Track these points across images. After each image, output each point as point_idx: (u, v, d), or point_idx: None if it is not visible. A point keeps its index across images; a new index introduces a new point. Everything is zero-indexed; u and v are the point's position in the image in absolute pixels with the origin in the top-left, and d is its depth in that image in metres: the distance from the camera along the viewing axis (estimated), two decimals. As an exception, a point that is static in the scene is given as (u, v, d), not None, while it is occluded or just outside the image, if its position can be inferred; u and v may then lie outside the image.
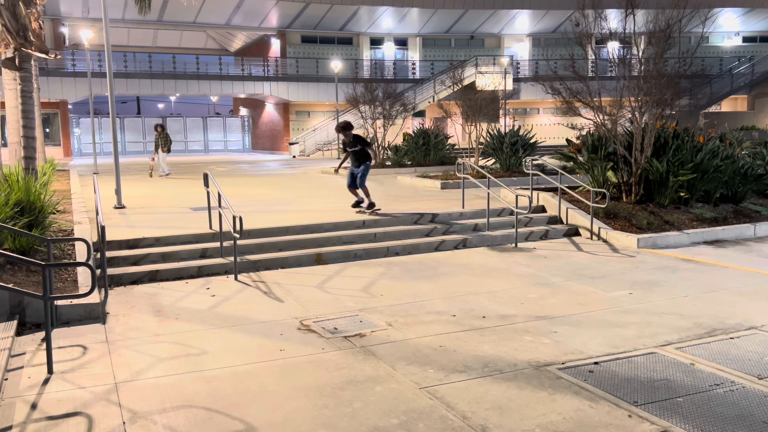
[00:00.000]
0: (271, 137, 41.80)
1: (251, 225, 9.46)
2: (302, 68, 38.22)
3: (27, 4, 11.79)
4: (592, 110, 11.73)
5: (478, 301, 7.02)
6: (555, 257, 9.29)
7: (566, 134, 19.95)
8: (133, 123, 42.75)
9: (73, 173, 20.45)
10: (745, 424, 4.11)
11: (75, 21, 35.66)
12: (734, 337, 5.74)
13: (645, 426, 4.11)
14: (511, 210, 10.88)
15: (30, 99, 11.91)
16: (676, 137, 11.85)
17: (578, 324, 6.19)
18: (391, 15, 38.81)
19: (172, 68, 36.50)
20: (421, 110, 37.67)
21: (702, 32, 12.03)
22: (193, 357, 5.45)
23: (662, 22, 11.14)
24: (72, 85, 32.98)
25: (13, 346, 5.61)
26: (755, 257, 9.22)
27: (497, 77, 32.73)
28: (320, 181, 18.99)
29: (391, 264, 8.92)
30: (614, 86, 11.79)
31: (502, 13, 39.81)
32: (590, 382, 4.79)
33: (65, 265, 7.58)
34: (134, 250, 8.73)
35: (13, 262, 7.05)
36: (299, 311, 6.74)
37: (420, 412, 4.36)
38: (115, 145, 12.44)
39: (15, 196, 8.28)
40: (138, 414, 4.38)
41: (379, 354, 5.44)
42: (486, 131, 19.02)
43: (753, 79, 40.49)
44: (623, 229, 10.40)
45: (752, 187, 12.22)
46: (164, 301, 7.17)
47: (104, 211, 9.48)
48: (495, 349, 5.53)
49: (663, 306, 6.76)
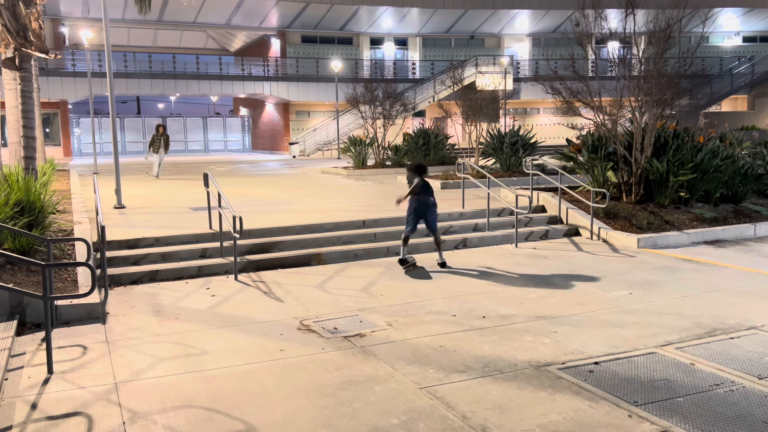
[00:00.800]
0: (271, 137, 41.80)
1: (251, 225, 9.46)
2: (302, 68, 38.21)
3: (27, 4, 11.79)
4: (592, 110, 11.73)
5: (478, 301, 7.02)
6: (555, 257, 9.29)
7: (566, 134, 19.94)
8: (133, 123, 42.73)
9: (73, 173, 20.44)
10: (745, 424, 4.11)
11: (75, 21, 35.65)
12: (734, 337, 5.74)
13: (645, 426, 4.11)
14: (511, 210, 10.88)
15: (30, 99, 11.90)
16: (676, 137, 11.85)
17: (578, 324, 6.19)
18: (391, 15, 38.80)
19: (172, 68, 36.49)
20: (421, 110, 37.66)
21: (702, 32, 12.03)
22: (193, 357, 5.45)
23: (662, 22, 11.14)
24: (72, 85, 32.97)
25: (13, 346, 5.61)
26: (755, 257, 9.22)
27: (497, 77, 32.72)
28: (320, 181, 18.99)
29: (391, 264, 8.91)
30: (614, 86, 11.79)
31: (502, 13, 39.80)
32: (590, 382, 4.79)
33: (65, 265, 7.58)
34: (134, 250, 8.73)
35: (13, 262, 7.05)
36: (299, 311, 6.73)
37: (420, 412, 4.36)
38: (115, 145, 12.44)
39: (15, 196, 8.28)
40: (138, 414, 4.38)
41: (379, 354, 5.44)
42: (486, 131, 19.01)
43: (753, 79, 40.48)
44: (623, 229, 10.40)
45: (752, 187, 12.21)
46: (164, 301, 7.17)
47: (104, 211, 9.48)
48: (495, 349, 5.53)
49: (663, 306, 6.76)
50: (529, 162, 13.21)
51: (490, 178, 11.28)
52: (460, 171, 13.11)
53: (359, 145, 23.17)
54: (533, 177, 11.99)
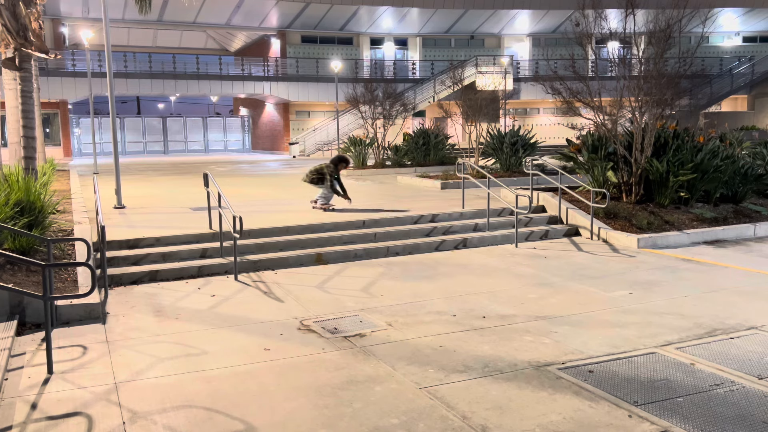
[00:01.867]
0: (271, 137, 41.80)
1: (251, 225, 9.46)
2: (302, 68, 38.22)
3: (27, 4, 11.79)
4: (592, 110, 11.73)
5: (479, 301, 7.02)
6: (555, 257, 9.29)
7: (566, 134, 19.94)
8: (133, 123, 42.73)
9: (73, 173, 20.44)
10: (745, 424, 4.11)
11: (75, 21, 35.65)
12: (734, 337, 5.74)
13: (645, 426, 4.11)
14: (511, 210, 10.88)
15: (30, 99, 11.90)
16: (676, 137, 11.85)
17: (578, 324, 6.19)
18: (391, 15, 38.81)
19: (172, 68, 36.49)
20: (421, 110, 37.67)
21: (702, 32, 12.02)
22: (193, 357, 5.45)
23: (662, 22, 11.14)
24: (72, 85, 32.98)
25: (13, 346, 5.61)
26: (755, 257, 9.22)
27: (497, 77, 32.73)
28: (320, 181, 18.94)
29: (391, 264, 8.91)
30: (614, 86, 11.79)
31: (502, 13, 39.80)
32: (590, 382, 4.79)
33: (65, 265, 7.58)
34: (134, 250, 8.73)
35: (13, 262, 7.05)
36: (299, 311, 6.73)
37: (420, 412, 4.36)
38: (115, 145, 12.44)
39: (15, 196, 8.28)
40: (138, 414, 4.38)
41: (379, 354, 5.44)
42: (486, 131, 19.01)
43: (753, 79, 40.49)
44: (623, 229, 10.40)
45: (752, 187, 12.21)
46: (164, 301, 7.17)
47: (104, 211, 9.47)
48: (495, 349, 5.53)
49: (663, 306, 6.76)
50: (529, 162, 13.21)
51: (490, 178, 11.28)
52: (460, 171, 13.10)
53: (359, 145, 23.17)
54: (533, 177, 11.99)
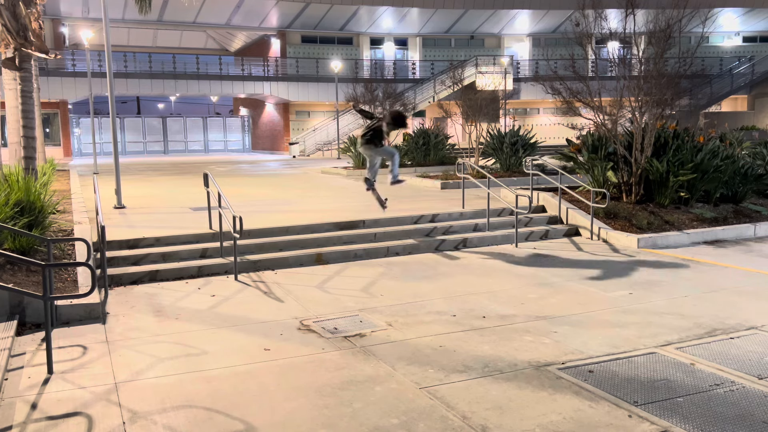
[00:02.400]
0: (271, 137, 41.80)
1: (251, 225, 9.46)
2: (302, 68, 38.22)
3: (27, 4, 11.78)
4: (592, 110, 11.73)
5: (479, 301, 7.02)
6: (555, 257, 9.29)
7: (566, 134, 19.94)
8: (133, 123, 42.73)
9: (73, 173, 20.44)
10: (745, 424, 4.11)
11: (75, 21, 35.65)
12: (734, 337, 5.74)
13: (645, 426, 4.11)
14: (511, 210, 10.88)
15: (30, 99, 11.90)
16: (676, 137, 11.85)
17: (578, 324, 6.19)
18: (391, 15, 38.81)
19: (172, 68, 36.49)
20: (421, 110, 37.66)
21: (702, 32, 12.02)
22: (193, 357, 5.45)
23: (662, 22, 11.14)
24: (72, 85, 32.98)
25: (13, 346, 5.61)
26: (755, 257, 9.22)
27: (497, 77, 32.74)
28: (320, 181, 18.99)
29: (392, 264, 8.92)
30: (614, 86, 11.79)
31: (502, 13, 39.81)
32: (590, 382, 4.79)
33: (65, 265, 7.58)
34: (134, 250, 8.73)
35: (13, 262, 7.05)
36: (299, 311, 6.74)
37: (420, 412, 4.36)
38: (115, 145, 12.44)
39: (15, 196, 8.28)
40: (138, 414, 4.38)
41: (379, 354, 5.44)
42: (486, 131, 19.00)
43: (753, 79, 40.48)
44: (623, 229, 10.40)
45: (752, 187, 12.21)
46: (164, 301, 7.17)
47: (104, 211, 9.47)
48: (495, 349, 5.53)
49: (663, 306, 6.76)
50: (529, 162, 13.20)
51: (490, 178, 11.28)
52: (460, 171, 13.10)
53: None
54: (533, 177, 11.99)
